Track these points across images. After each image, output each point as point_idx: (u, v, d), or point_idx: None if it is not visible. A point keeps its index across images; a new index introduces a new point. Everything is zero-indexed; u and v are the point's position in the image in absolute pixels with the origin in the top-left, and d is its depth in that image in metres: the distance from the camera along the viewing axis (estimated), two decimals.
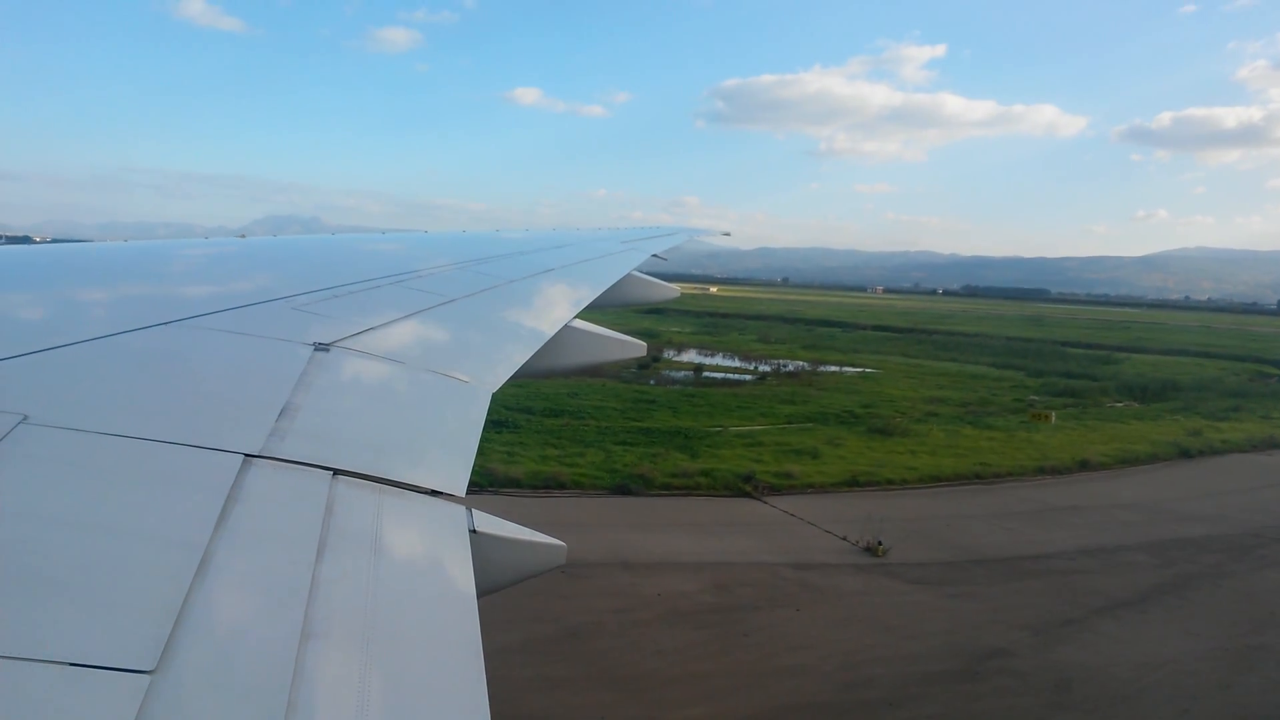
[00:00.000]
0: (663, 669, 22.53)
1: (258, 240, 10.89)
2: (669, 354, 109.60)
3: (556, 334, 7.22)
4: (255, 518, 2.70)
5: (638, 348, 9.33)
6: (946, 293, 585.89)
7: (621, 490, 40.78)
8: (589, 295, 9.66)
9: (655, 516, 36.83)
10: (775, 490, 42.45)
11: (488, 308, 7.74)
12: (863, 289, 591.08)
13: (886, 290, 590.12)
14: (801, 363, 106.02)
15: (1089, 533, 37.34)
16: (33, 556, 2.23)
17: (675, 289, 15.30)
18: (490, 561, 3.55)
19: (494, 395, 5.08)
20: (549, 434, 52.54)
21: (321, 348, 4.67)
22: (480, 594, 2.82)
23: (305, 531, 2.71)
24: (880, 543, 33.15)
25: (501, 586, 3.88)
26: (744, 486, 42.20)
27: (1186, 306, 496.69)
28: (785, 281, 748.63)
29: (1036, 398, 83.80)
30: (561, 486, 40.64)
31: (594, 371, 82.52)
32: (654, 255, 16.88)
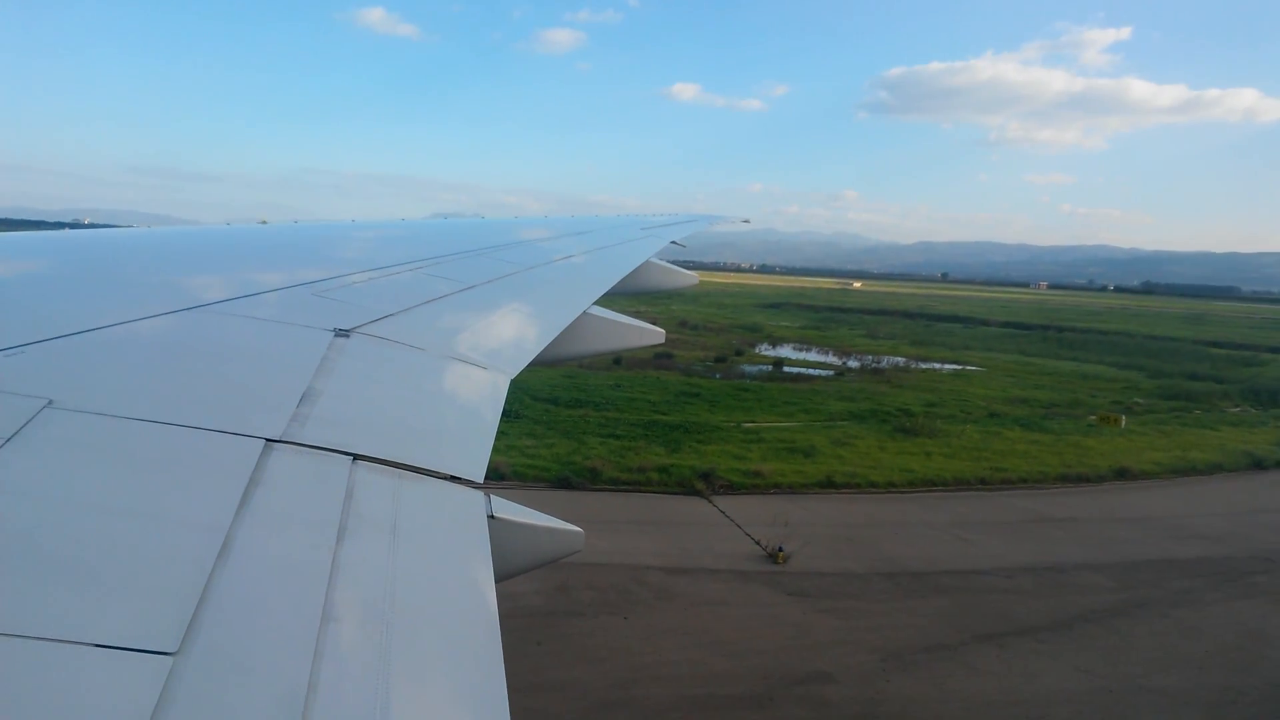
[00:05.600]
0: None
1: (280, 226, 10.95)
2: (763, 348, 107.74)
3: (575, 321, 7.25)
4: (276, 502, 2.73)
5: (656, 335, 9.32)
6: (1119, 289, 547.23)
7: (563, 483, 39.12)
8: (607, 282, 9.65)
9: (569, 511, 34.81)
10: (733, 489, 39.72)
11: (507, 294, 7.70)
12: (1026, 285, 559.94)
13: (1051, 286, 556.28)
14: (900, 359, 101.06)
15: (1058, 547, 32.86)
16: (57, 539, 2.24)
17: (694, 276, 15.07)
18: (508, 547, 3.59)
19: (527, 383, 4.90)
20: (545, 424, 51.18)
21: (342, 333, 4.69)
22: (498, 579, 2.85)
23: (326, 516, 2.74)
24: (781, 549, 30.17)
25: (519, 572, 3.95)
26: (697, 484, 39.68)
27: None
28: (945, 277, 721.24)
29: (1141, 400, 76.91)
30: (501, 478, 39.32)
31: (666, 365, 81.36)
32: (673, 242, 16.46)
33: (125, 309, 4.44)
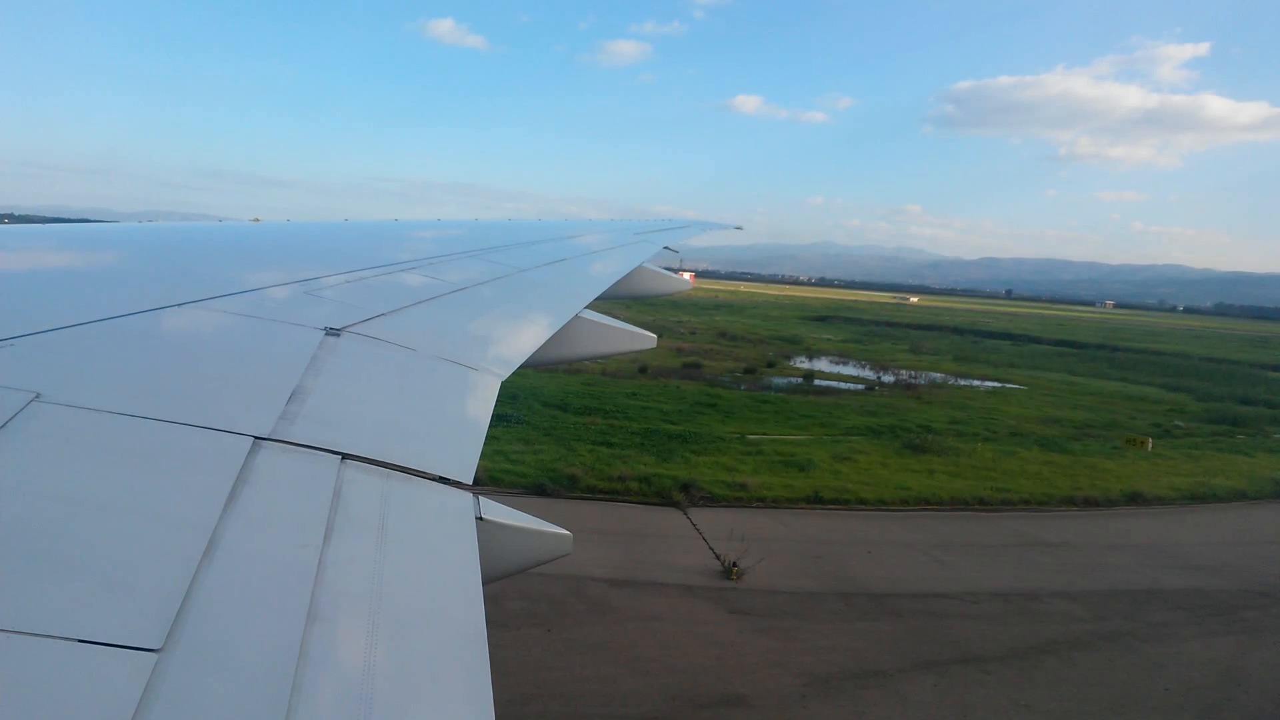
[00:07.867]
0: None
1: (273, 224, 11.05)
2: (798, 360, 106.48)
3: (566, 324, 7.30)
4: (263, 500, 2.72)
5: (648, 339, 9.30)
6: (1189, 310, 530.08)
7: (538, 490, 38.43)
8: (600, 286, 9.75)
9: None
10: (714, 501, 38.61)
11: (499, 296, 7.83)
12: (1092, 304, 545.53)
13: (1118, 306, 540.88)
14: (939, 375, 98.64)
15: (1038, 573, 31.14)
16: (43, 534, 2.22)
17: (687, 281, 15.00)
18: (496, 549, 3.57)
19: (542, 389, 4.85)
20: (543, 430, 50.65)
21: (333, 332, 4.71)
22: (485, 581, 2.83)
23: (313, 514, 2.74)
24: (736, 564, 29.05)
25: (507, 574, 3.92)
26: (675, 495, 38.66)
27: None
28: (1009, 294, 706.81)
29: (1183, 423, 73.77)
30: (477, 482, 38.59)
31: (694, 375, 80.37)
32: (665, 248, 16.51)
33: (117, 303, 4.39)
